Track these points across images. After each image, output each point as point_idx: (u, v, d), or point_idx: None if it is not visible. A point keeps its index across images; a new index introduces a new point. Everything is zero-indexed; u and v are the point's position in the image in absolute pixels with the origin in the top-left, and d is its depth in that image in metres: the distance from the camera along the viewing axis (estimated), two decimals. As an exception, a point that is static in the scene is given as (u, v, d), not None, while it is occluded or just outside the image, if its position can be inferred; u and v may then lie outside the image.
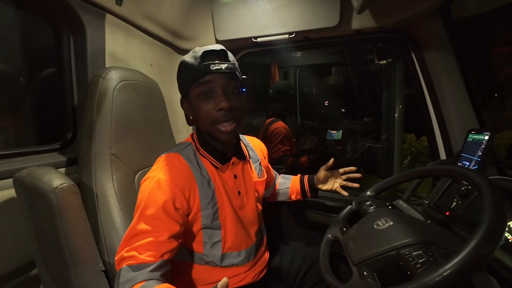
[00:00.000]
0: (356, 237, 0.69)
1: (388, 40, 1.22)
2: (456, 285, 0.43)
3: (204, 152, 0.76)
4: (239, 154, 0.82)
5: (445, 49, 1.06)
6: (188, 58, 0.71)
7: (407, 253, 0.54)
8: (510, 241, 0.62)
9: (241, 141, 0.86)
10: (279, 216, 1.36)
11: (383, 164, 2.10)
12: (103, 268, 0.75)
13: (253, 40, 1.26)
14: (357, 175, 1.02)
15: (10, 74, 0.94)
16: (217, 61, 0.68)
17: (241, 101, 0.73)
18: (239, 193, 0.80)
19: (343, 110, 3.41)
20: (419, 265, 0.50)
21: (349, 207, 0.86)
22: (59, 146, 0.97)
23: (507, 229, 0.57)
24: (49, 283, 0.74)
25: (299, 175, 1.12)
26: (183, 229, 0.70)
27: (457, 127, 1.06)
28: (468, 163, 0.88)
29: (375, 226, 0.65)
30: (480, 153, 0.84)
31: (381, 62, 2.08)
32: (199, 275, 0.79)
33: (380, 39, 1.30)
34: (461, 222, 0.75)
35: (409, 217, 0.71)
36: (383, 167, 2.11)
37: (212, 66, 0.67)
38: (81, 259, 0.70)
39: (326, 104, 3.55)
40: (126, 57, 1.09)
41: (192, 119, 0.77)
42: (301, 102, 3.26)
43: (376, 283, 0.55)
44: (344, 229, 0.78)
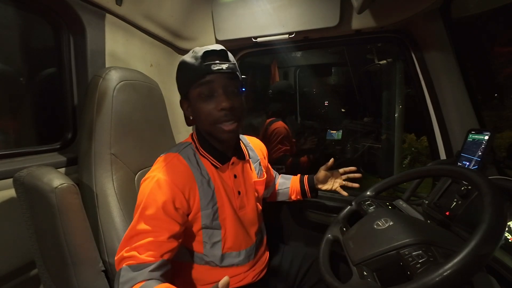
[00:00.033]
0: (356, 237, 0.69)
1: (388, 40, 1.22)
2: (456, 285, 0.43)
3: (204, 152, 0.76)
4: (239, 154, 0.82)
5: (445, 49, 1.05)
6: (188, 58, 0.71)
7: (407, 253, 0.54)
8: (510, 241, 0.62)
9: (241, 141, 0.86)
10: (279, 216, 1.36)
11: (383, 164, 2.10)
12: (103, 268, 0.75)
13: (253, 40, 1.26)
14: (357, 175, 1.02)
15: (10, 74, 0.94)
16: (217, 61, 0.68)
17: (241, 101, 0.73)
18: (239, 193, 0.80)
19: (343, 110, 3.41)
20: (419, 265, 0.50)
21: (349, 207, 0.86)
22: (59, 146, 0.97)
23: (507, 229, 0.57)
24: (49, 283, 0.74)
25: (299, 175, 1.12)
26: (183, 229, 0.70)
27: (457, 127, 1.06)
28: (468, 163, 0.88)
29: (375, 226, 0.65)
30: (480, 153, 0.84)
31: (381, 62, 2.08)
32: (199, 275, 0.79)
33: (380, 39, 1.30)
34: (461, 222, 0.75)
35: (409, 217, 0.71)
36: (383, 167, 2.11)
37: (213, 66, 0.67)
38: (81, 259, 0.70)
39: (326, 104, 3.55)
40: (126, 57, 1.09)
41: (192, 119, 0.76)
42: (301, 102, 3.26)
43: (376, 283, 0.55)
44: (344, 229, 0.78)
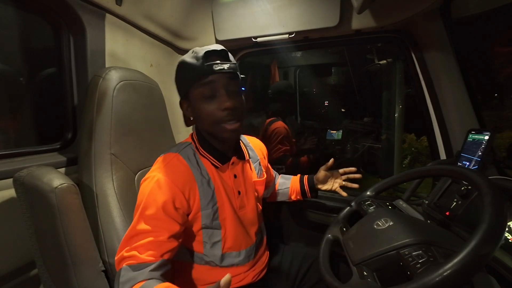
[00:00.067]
0: (356, 237, 0.69)
1: (388, 40, 1.22)
2: (456, 285, 0.43)
3: (204, 152, 0.76)
4: (239, 154, 0.82)
5: (445, 49, 1.05)
6: (188, 58, 0.71)
7: (407, 253, 0.54)
8: (510, 241, 0.62)
9: (240, 141, 0.86)
10: (279, 216, 1.36)
11: (383, 164, 2.10)
12: (103, 268, 0.75)
13: (253, 40, 1.26)
14: (357, 175, 1.02)
15: (10, 74, 0.94)
16: (218, 61, 0.68)
17: (242, 100, 0.74)
18: (239, 193, 0.80)
19: (343, 110, 3.41)
20: (419, 265, 0.50)
21: (349, 207, 0.86)
22: (59, 146, 0.97)
23: (507, 229, 0.57)
24: (49, 283, 0.74)
25: (299, 175, 1.12)
26: (183, 228, 0.70)
27: (457, 127, 1.06)
28: (468, 163, 0.88)
29: (375, 226, 0.65)
30: (480, 153, 0.84)
31: (381, 62, 2.08)
32: (199, 275, 0.79)
33: (380, 39, 1.30)
34: (461, 222, 0.75)
35: (409, 217, 0.71)
36: (383, 167, 2.11)
37: (215, 66, 0.67)
38: (81, 259, 0.70)
39: (326, 104, 3.55)
40: (126, 57, 1.09)
41: (192, 119, 0.76)
42: (301, 102, 3.26)
43: (376, 283, 0.55)
44: (344, 229, 0.78)
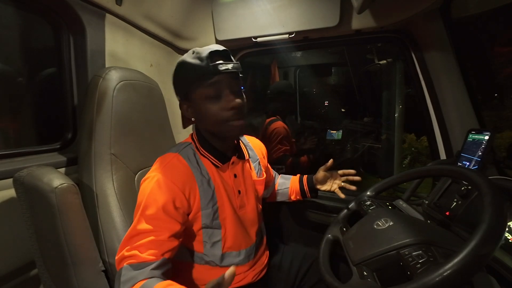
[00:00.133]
0: (356, 237, 0.69)
1: (388, 40, 1.22)
2: (456, 285, 0.43)
3: (204, 152, 0.76)
4: (239, 153, 0.82)
5: (445, 49, 1.05)
6: (190, 59, 0.70)
7: (407, 253, 0.54)
8: (510, 241, 0.62)
9: (240, 141, 0.86)
10: (279, 216, 1.36)
11: (383, 164, 2.10)
12: (103, 268, 0.75)
13: (253, 40, 1.26)
14: (356, 178, 1.01)
15: (10, 74, 0.94)
16: (222, 61, 0.69)
17: (244, 98, 0.75)
18: (239, 192, 0.80)
19: (343, 110, 3.41)
20: (419, 265, 0.50)
21: (349, 207, 0.86)
22: (59, 146, 0.97)
23: (507, 229, 0.57)
24: (49, 283, 0.74)
25: (298, 175, 1.11)
26: (183, 228, 0.70)
27: (457, 127, 1.06)
28: (468, 163, 0.88)
29: (375, 226, 0.65)
30: (480, 153, 0.84)
31: (381, 62, 2.08)
32: (199, 274, 0.79)
33: (380, 39, 1.30)
34: (461, 222, 0.75)
35: (409, 217, 0.71)
36: (383, 167, 2.11)
37: (220, 66, 0.68)
38: (81, 259, 0.70)
39: (326, 104, 3.55)
40: (126, 57, 1.09)
41: (194, 120, 0.76)
42: (301, 102, 3.26)
43: (376, 283, 0.55)
44: (344, 229, 0.78)
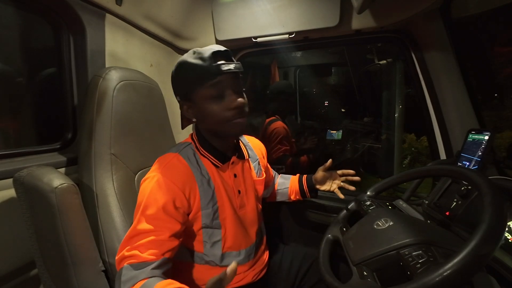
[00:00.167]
0: (356, 237, 0.69)
1: (388, 40, 1.22)
2: (456, 285, 0.43)
3: (204, 152, 0.76)
4: (238, 153, 0.82)
5: (445, 49, 1.05)
6: (191, 59, 0.70)
7: (407, 253, 0.54)
8: (510, 241, 0.62)
9: (240, 141, 0.86)
10: (279, 216, 1.36)
11: (383, 164, 2.10)
12: (103, 268, 0.75)
13: (253, 40, 1.26)
14: (356, 178, 1.01)
15: (10, 74, 0.94)
16: (224, 62, 0.69)
17: (246, 98, 0.75)
18: (239, 192, 0.80)
19: (343, 110, 3.41)
20: (419, 265, 0.50)
21: (349, 207, 0.86)
22: (59, 146, 0.97)
23: (507, 229, 0.57)
24: (49, 283, 0.74)
25: (298, 174, 1.12)
26: (184, 227, 0.70)
27: (457, 127, 1.06)
28: (468, 163, 0.88)
29: (375, 226, 0.65)
30: (480, 153, 0.84)
31: (381, 62, 2.08)
32: (199, 274, 0.79)
33: (380, 39, 1.30)
34: (461, 222, 0.75)
35: (409, 217, 0.71)
36: (383, 167, 2.11)
37: (223, 66, 0.68)
38: (81, 259, 0.70)
39: (326, 104, 3.55)
40: (126, 57, 1.09)
41: (195, 120, 0.76)
42: (301, 102, 3.26)
43: (376, 283, 0.55)
44: (344, 229, 0.78)
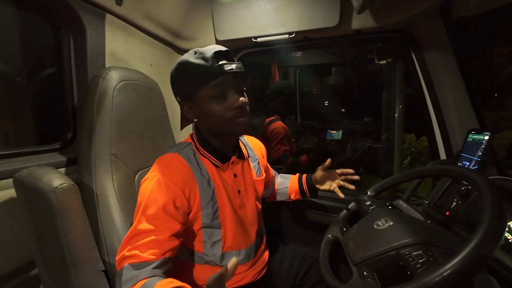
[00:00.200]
0: (356, 237, 0.69)
1: (388, 40, 1.22)
2: (456, 285, 0.43)
3: (204, 152, 0.76)
4: (238, 153, 0.82)
5: (445, 49, 1.05)
6: (193, 59, 0.70)
7: (407, 253, 0.54)
8: (510, 241, 0.62)
9: (240, 140, 0.86)
10: (279, 216, 1.36)
11: (383, 164, 2.10)
12: (103, 268, 0.75)
13: (253, 40, 1.26)
14: (355, 177, 1.01)
15: (10, 74, 0.94)
16: (226, 62, 0.69)
17: (246, 97, 0.75)
18: (239, 192, 0.80)
19: (343, 110, 3.41)
20: (419, 265, 0.50)
21: (349, 207, 0.86)
22: (59, 146, 0.97)
23: (507, 229, 0.57)
24: (49, 283, 0.74)
25: (298, 174, 1.11)
26: (184, 227, 0.70)
27: (457, 127, 1.06)
28: (468, 163, 0.88)
29: (375, 226, 0.65)
30: (480, 153, 0.84)
31: (381, 62, 2.08)
32: (199, 274, 0.79)
33: (380, 39, 1.30)
34: (461, 222, 0.75)
35: (409, 217, 0.71)
36: (383, 167, 2.11)
37: (225, 66, 0.68)
38: (81, 259, 0.70)
39: (326, 104, 3.55)
40: (126, 57, 1.09)
41: (196, 120, 0.76)
42: (301, 102, 3.26)
43: (376, 283, 0.55)
44: (344, 229, 0.78)
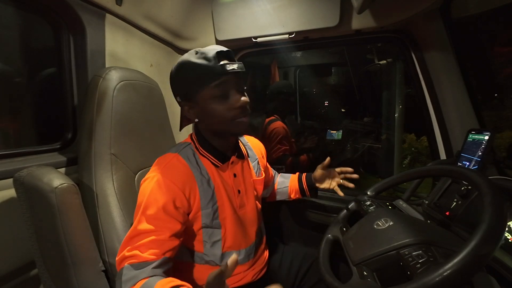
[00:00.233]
0: (356, 237, 0.69)
1: (388, 40, 1.22)
2: (456, 285, 0.43)
3: (204, 152, 0.76)
4: (238, 153, 0.82)
5: (445, 49, 1.05)
6: (195, 59, 0.70)
7: (407, 253, 0.54)
8: (510, 241, 0.62)
9: (239, 140, 0.86)
10: (279, 216, 1.36)
11: (383, 164, 2.10)
12: (103, 268, 0.75)
13: (253, 40, 1.26)
14: (354, 176, 1.01)
15: (10, 74, 0.94)
16: (227, 62, 0.69)
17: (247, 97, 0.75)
18: (238, 192, 0.80)
19: (343, 110, 3.41)
20: (419, 265, 0.50)
21: (349, 207, 0.86)
22: (59, 146, 0.97)
23: (507, 229, 0.57)
24: (49, 283, 0.74)
25: (298, 173, 1.11)
26: (184, 227, 0.70)
27: (457, 127, 1.06)
28: (468, 163, 0.88)
29: (375, 226, 0.65)
30: (480, 153, 0.84)
31: (381, 62, 2.08)
32: (199, 274, 0.79)
33: (380, 39, 1.30)
34: (461, 222, 0.75)
35: (409, 217, 0.71)
36: (383, 167, 2.11)
37: (228, 66, 0.68)
38: (81, 259, 0.70)
39: (326, 104, 3.55)
40: (126, 57, 1.09)
41: (197, 120, 0.76)
42: (301, 102, 3.26)
43: (376, 283, 0.55)
44: (344, 229, 0.78)
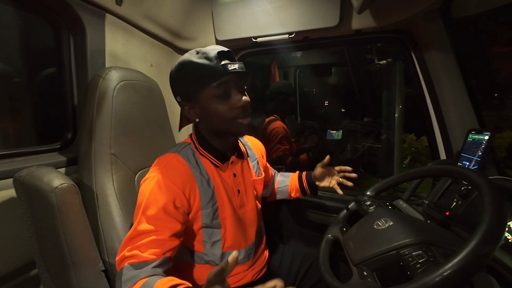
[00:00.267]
0: (356, 237, 0.69)
1: (388, 40, 1.22)
2: (456, 285, 0.43)
3: (204, 152, 0.76)
4: (238, 153, 0.82)
5: (445, 49, 1.05)
6: (196, 59, 0.70)
7: (407, 253, 0.54)
8: (510, 241, 0.62)
9: (239, 140, 0.86)
10: (279, 216, 1.36)
11: (383, 164, 2.10)
12: (103, 268, 0.75)
13: (253, 40, 1.26)
14: (353, 175, 1.01)
15: (10, 74, 0.94)
16: (229, 62, 0.70)
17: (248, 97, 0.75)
18: (238, 191, 0.80)
19: (343, 110, 3.41)
20: (419, 265, 0.50)
21: (349, 207, 0.86)
22: (59, 146, 0.97)
23: (507, 229, 0.57)
24: (49, 283, 0.74)
25: (297, 172, 1.11)
26: (184, 227, 0.70)
27: (457, 127, 1.06)
28: (468, 163, 0.88)
29: (375, 226, 0.65)
30: (480, 153, 0.84)
31: (381, 62, 2.08)
32: (199, 274, 0.79)
33: (380, 39, 1.30)
34: (461, 222, 0.75)
35: (409, 217, 0.71)
36: (383, 167, 2.11)
37: (229, 66, 0.69)
38: (81, 259, 0.70)
39: (326, 104, 3.55)
40: (126, 57, 1.09)
41: (197, 120, 0.76)
42: (301, 102, 3.26)
43: (376, 283, 0.55)
44: (344, 229, 0.78)
